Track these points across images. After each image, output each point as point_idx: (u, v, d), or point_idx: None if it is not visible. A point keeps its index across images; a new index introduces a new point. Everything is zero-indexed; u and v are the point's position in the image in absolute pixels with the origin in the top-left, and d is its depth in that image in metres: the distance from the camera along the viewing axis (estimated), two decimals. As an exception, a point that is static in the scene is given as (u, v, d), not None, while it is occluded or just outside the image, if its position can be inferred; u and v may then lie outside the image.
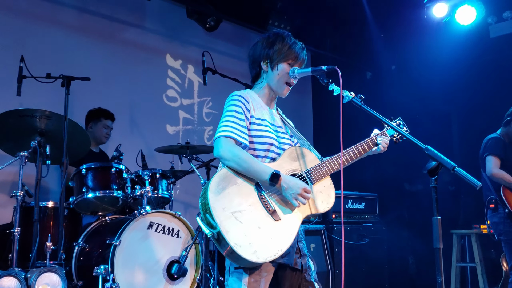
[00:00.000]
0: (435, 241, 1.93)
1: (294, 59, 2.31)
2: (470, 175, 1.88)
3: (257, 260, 1.99)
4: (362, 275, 5.11)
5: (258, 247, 2.00)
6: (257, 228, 2.04)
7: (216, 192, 2.05)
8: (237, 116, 2.19)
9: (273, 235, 2.06)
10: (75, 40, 4.96)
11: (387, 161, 5.35)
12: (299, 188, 2.12)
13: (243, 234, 2.00)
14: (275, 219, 2.09)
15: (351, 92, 2.18)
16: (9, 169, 3.64)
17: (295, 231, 2.13)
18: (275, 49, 2.30)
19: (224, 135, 2.14)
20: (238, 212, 2.04)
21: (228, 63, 5.62)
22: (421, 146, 1.99)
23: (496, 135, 4.33)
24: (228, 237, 1.97)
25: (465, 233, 5.64)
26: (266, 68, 2.34)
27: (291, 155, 2.26)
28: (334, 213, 5.09)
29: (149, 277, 3.46)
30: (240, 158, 2.10)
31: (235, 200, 2.07)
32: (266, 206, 2.10)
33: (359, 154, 2.38)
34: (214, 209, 2.01)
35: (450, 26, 5.87)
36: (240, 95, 2.27)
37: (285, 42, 2.31)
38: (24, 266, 3.33)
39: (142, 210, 3.53)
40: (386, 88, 6.78)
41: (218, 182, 2.08)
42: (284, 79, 2.31)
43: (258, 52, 2.36)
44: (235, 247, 1.96)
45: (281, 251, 2.05)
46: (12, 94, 3.56)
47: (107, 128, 4.56)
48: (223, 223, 1.99)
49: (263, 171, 2.11)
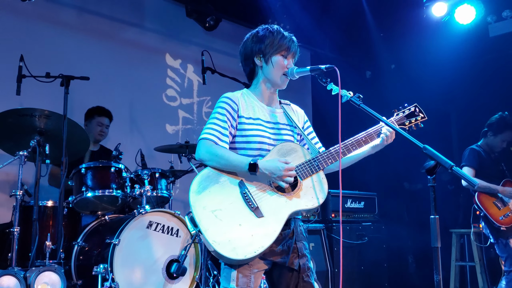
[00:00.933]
0: (433, 240, 1.94)
1: (286, 50, 2.31)
2: (468, 175, 1.88)
3: (237, 257, 2.01)
4: (361, 274, 5.12)
5: (238, 244, 2.02)
6: (238, 225, 2.06)
7: (197, 191, 2.10)
8: (219, 118, 2.24)
9: (255, 232, 2.06)
10: (75, 39, 4.96)
11: (387, 160, 5.36)
12: (281, 170, 2.12)
13: (222, 232, 2.03)
14: (257, 216, 2.10)
15: (349, 92, 2.17)
16: (8, 168, 3.64)
17: (279, 227, 2.11)
18: (266, 43, 2.31)
19: (204, 137, 2.21)
20: (218, 210, 2.07)
21: (227, 63, 5.61)
22: (419, 145, 1.99)
23: (473, 147, 4.65)
24: (207, 235, 2.01)
25: (464, 232, 5.64)
26: (260, 63, 2.35)
27: (280, 151, 2.25)
28: (334, 212, 5.10)
29: (149, 276, 3.46)
30: (217, 156, 2.15)
31: (216, 198, 2.10)
32: (249, 204, 2.11)
33: (358, 146, 2.31)
34: (194, 207, 2.06)
35: (449, 25, 5.87)
36: (227, 96, 2.30)
37: (275, 35, 2.32)
38: (24, 265, 3.33)
39: (141, 209, 3.53)
40: (385, 87, 6.78)
41: (200, 181, 2.13)
42: (281, 71, 2.31)
43: (250, 48, 2.36)
44: (213, 244, 2.00)
45: (262, 247, 2.04)
46: (12, 94, 3.56)
47: (101, 126, 4.50)
48: (202, 222, 2.03)
49: (241, 163, 2.14)
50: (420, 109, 2.45)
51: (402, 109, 2.45)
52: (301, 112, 2.53)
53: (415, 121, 2.43)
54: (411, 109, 2.45)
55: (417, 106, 2.46)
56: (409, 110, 2.44)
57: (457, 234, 5.67)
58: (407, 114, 2.43)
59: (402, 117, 2.43)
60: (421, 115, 2.44)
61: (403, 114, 2.43)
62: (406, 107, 2.45)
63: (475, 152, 4.61)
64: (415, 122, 2.43)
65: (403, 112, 2.44)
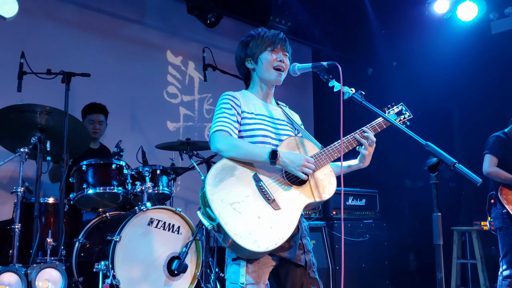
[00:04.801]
0: (435, 237, 1.93)
1: (270, 45, 2.33)
2: (470, 172, 1.87)
3: (258, 250, 1.99)
4: (362, 272, 5.11)
5: (259, 237, 2.01)
6: (257, 218, 2.05)
7: (213, 184, 2.07)
8: (227, 112, 2.25)
9: (273, 224, 2.06)
10: (76, 36, 4.95)
11: (388, 158, 5.35)
12: (301, 160, 2.14)
13: (242, 225, 2.01)
14: (274, 208, 2.09)
15: (351, 88, 2.16)
16: (9, 165, 3.64)
17: (296, 219, 2.12)
18: (251, 45, 2.36)
19: (218, 129, 2.19)
20: (236, 203, 2.05)
21: (228, 60, 5.55)
22: (421, 142, 1.98)
23: (498, 134, 4.31)
24: (227, 228, 1.98)
25: (466, 229, 5.64)
26: (252, 66, 2.39)
27: (289, 145, 2.26)
28: (335, 210, 5.09)
29: (150, 273, 3.46)
30: (237, 146, 2.15)
31: (233, 191, 2.08)
32: (265, 196, 2.11)
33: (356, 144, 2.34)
34: (212, 201, 2.02)
35: (451, 22, 5.85)
36: (228, 94, 2.33)
37: (257, 35, 2.37)
38: (25, 262, 3.33)
39: (142, 207, 3.53)
40: (387, 84, 6.76)
41: (215, 174, 2.10)
42: (271, 65, 2.33)
43: (239, 57, 2.43)
44: (235, 237, 1.97)
45: (282, 239, 2.04)
46: (13, 90, 3.55)
47: (92, 123, 4.42)
48: (221, 215, 2.00)
49: (262, 152, 2.14)
50: (406, 108, 2.52)
51: (391, 108, 2.50)
52: (296, 116, 2.57)
53: (403, 118, 2.50)
54: (399, 107, 2.51)
55: (403, 105, 2.53)
56: (398, 109, 2.50)
57: (458, 232, 5.67)
58: (396, 112, 2.49)
59: (393, 115, 2.48)
60: (407, 113, 2.51)
61: (393, 112, 2.49)
62: (394, 106, 2.51)
63: (501, 140, 4.24)
64: (403, 119, 2.49)
65: (393, 110, 2.49)
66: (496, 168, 4.19)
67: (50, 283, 3.15)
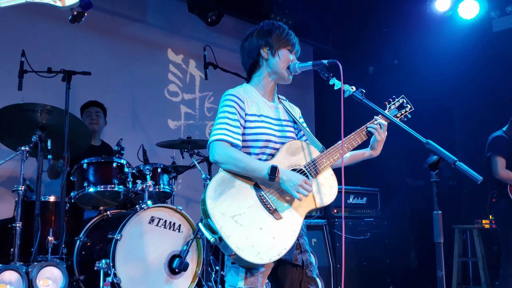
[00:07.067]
0: (436, 235, 1.93)
1: (292, 46, 2.34)
2: (471, 170, 1.87)
3: (261, 262, 1.99)
4: (363, 270, 5.11)
5: (261, 249, 2.00)
6: (259, 229, 2.03)
7: (213, 197, 2.03)
8: (229, 117, 2.18)
9: (276, 234, 2.05)
10: (76, 34, 4.94)
11: (389, 156, 5.32)
12: (299, 179, 2.10)
13: (244, 238, 1.99)
14: (276, 218, 2.08)
15: (352, 86, 2.16)
16: (10, 163, 3.64)
17: (298, 228, 2.12)
18: (273, 36, 2.32)
19: (217, 139, 2.13)
20: (238, 215, 2.03)
21: (229, 58, 5.59)
22: (422, 140, 1.98)
23: (500, 133, 4.30)
24: (229, 242, 1.97)
25: (467, 228, 5.63)
26: (266, 55, 2.33)
27: (289, 149, 2.24)
28: (336, 208, 5.09)
29: (151, 271, 3.46)
30: (236, 159, 2.09)
31: (234, 203, 2.05)
32: (267, 206, 2.09)
33: (361, 140, 2.35)
34: (213, 215, 1.99)
35: (452, 20, 5.84)
36: (233, 94, 2.25)
37: (281, 30, 2.35)
38: (26, 260, 3.33)
39: (143, 205, 3.52)
40: (388, 82, 6.76)
41: (216, 187, 2.07)
42: (287, 64, 2.32)
43: (255, 41, 2.35)
44: (237, 251, 1.96)
45: (285, 249, 2.04)
46: (14, 89, 3.55)
47: (90, 115, 4.45)
48: (223, 229, 1.98)
49: (261, 167, 2.10)
50: (407, 100, 2.51)
51: (393, 102, 2.50)
52: (297, 109, 2.54)
53: (404, 112, 2.49)
54: (400, 101, 2.50)
55: (404, 98, 2.51)
56: (398, 102, 2.50)
57: (459, 230, 5.66)
58: (397, 106, 2.49)
59: (394, 109, 2.48)
60: (408, 106, 2.50)
61: (395, 106, 2.49)
62: (395, 100, 2.50)
63: (505, 140, 4.22)
64: (405, 113, 2.49)
65: (394, 104, 2.49)
66: (507, 171, 4.21)
67: (51, 281, 3.15)
